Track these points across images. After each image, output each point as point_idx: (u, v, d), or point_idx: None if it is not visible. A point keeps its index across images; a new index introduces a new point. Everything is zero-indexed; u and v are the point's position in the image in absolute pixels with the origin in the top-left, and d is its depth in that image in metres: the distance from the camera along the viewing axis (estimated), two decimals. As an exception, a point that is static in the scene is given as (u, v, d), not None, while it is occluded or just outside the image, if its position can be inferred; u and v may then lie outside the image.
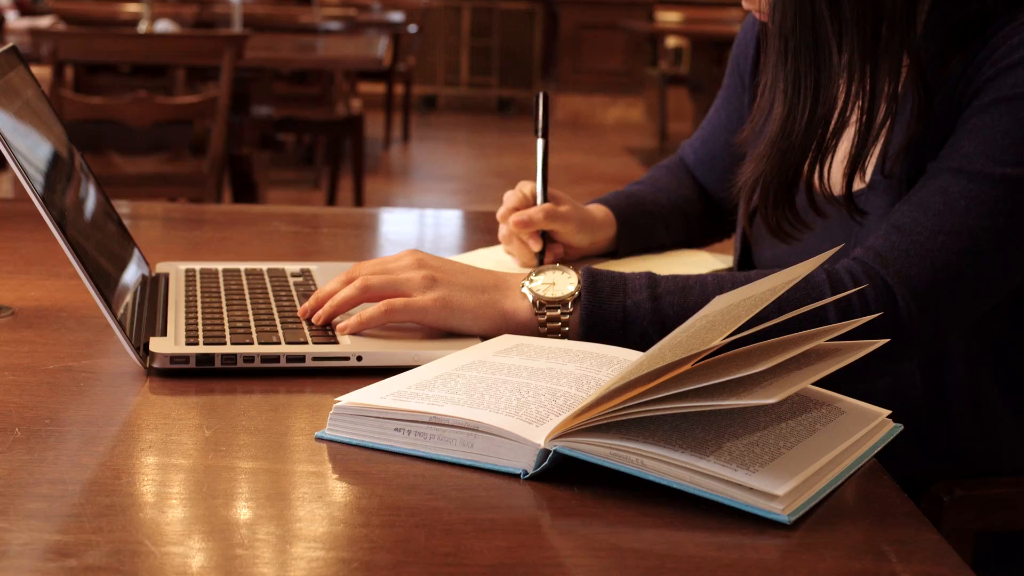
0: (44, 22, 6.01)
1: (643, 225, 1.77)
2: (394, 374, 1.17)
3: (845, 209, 1.46)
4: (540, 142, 1.66)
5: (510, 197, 1.68)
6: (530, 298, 1.36)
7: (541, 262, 1.64)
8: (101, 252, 1.37)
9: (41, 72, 4.27)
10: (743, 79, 1.79)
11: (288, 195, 7.38)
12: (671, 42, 11.29)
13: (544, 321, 1.35)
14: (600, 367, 1.19)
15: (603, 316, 1.34)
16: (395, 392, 1.11)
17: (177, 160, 4.84)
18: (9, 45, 1.42)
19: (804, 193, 1.47)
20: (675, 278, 1.37)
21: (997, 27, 1.39)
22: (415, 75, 10.69)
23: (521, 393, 1.11)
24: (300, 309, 1.40)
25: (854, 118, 1.42)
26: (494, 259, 1.70)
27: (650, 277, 1.37)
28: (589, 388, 1.13)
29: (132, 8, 6.60)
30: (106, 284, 1.30)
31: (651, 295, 1.35)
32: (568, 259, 1.69)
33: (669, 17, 9.93)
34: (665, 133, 10.10)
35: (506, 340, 1.30)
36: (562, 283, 1.37)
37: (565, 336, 1.35)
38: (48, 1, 7.72)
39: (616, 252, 1.75)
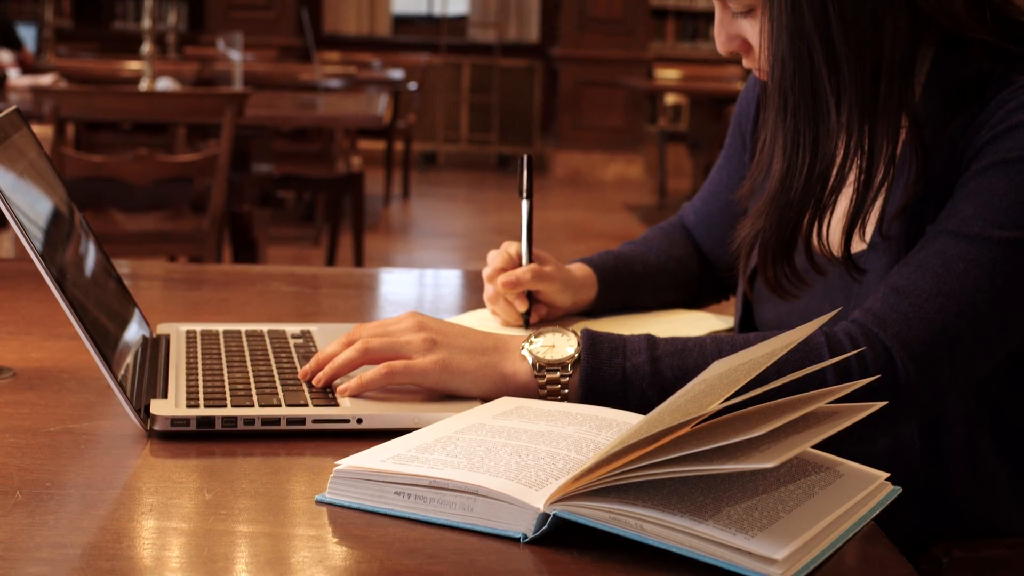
0: (46, 80, 6.04)
1: (627, 285, 1.78)
2: (395, 436, 1.18)
3: (845, 268, 1.47)
4: (524, 203, 1.68)
5: (495, 257, 1.69)
6: (530, 360, 1.36)
7: (527, 322, 1.66)
8: (102, 313, 1.38)
9: (43, 130, 4.29)
10: (744, 138, 1.80)
11: (288, 252, 7.40)
12: (670, 99, 11.34)
13: (544, 383, 1.35)
14: (599, 430, 1.20)
15: (603, 378, 1.35)
16: (395, 455, 1.12)
17: (177, 217, 4.85)
18: (12, 107, 1.43)
19: (803, 251, 1.48)
20: (674, 340, 1.38)
21: (995, 90, 1.40)
22: (415, 132, 10.73)
23: (520, 456, 1.11)
24: (300, 371, 1.40)
25: (852, 177, 1.43)
26: (478, 319, 1.72)
27: (649, 339, 1.37)
28: (588, 451, 1.13)
29: (133, 66, 6.63)
30: (107, 345, 1.30)
31: (650, 357, 1.35)
32: (551, 318, 1.70)
33: (668, 75, 9.98)
34: (664, 190, 10.13)
35: (505, 403, 1.30)
36: (561, 345, 1.37)
37: (565, 398, 1.35)
38: (50, 59, 7.77)
39: (593, 312, 1.76)
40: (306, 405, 1.31)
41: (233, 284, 2.01)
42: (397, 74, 8.67)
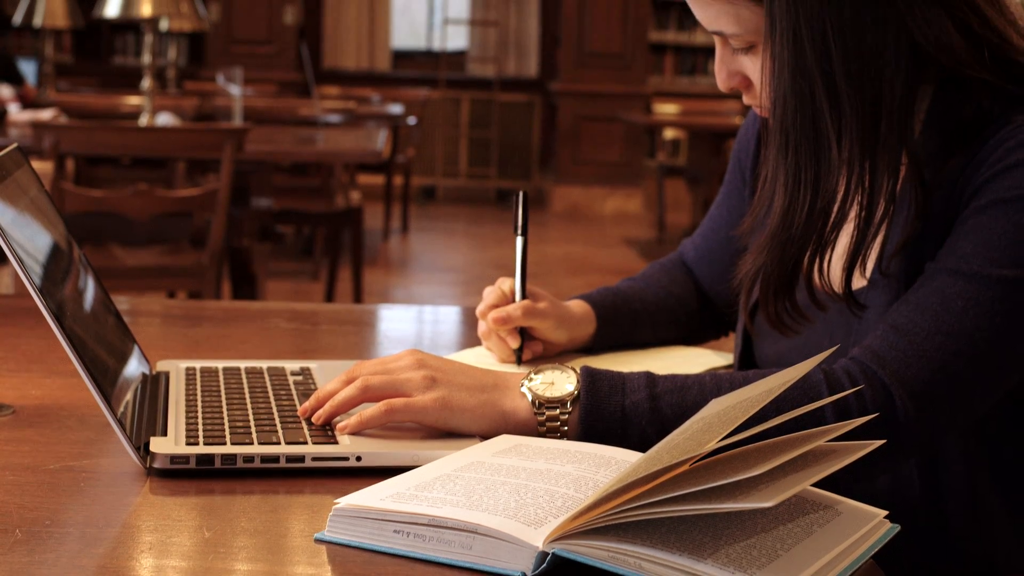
0: (46, 115, 6.05)
1: (625, 322, 1.78)
2: (394, 474, 1.18)
3: (846, 304, 1.48)
4: (519, 240, 1.69)
5: (489, 294, 1.70)
6: (529, 398, 1.36)
7: (519, 359, 1.66)
8: (101, 350, 1.38)
9: (43, 166, 4.30)
10: (744, 175, 1.80)
11: (287, 286, 7.41)
12: (669, 134, 11.37)
13: (543, 421, 1.35)
14: (598, 468, 1.20)
15: (602, 416, 1.35)
16: (394, 494, 1.12)
17: (177, 252, 4.86)
18: (13, 145, 1.44)
19: (804, 287, 1.49)
20: (673, 378, 1.38)
21: (994, 129, 1.41)
22: (414, 166, 10.76)
23: (519, 495, 1.11)
24: (300, 409, 1.41)
25: (853, 213, 1.44)
26: (475, 356, 1.72)
27: (648, 377, 1.38)
28: (587, 489, 1.13)
29: (134, 101, 6.65)
30: (106, 382, 1.30)
31: (650, 395, 1.35)
32: (547, 355, 1.70)
33: (667, 109, 10.01)
34: (663, 224, 10.15)
35: (505, 440, 1.31)
36: (561, 382, 1.38)
37: (564, 436, 1.35)
38: (50, 94, 7.79)
39: (591, 348, 1.76)
40: (305, 443, 1.31)
41: (233, 321, 2.01)
42: (396, 109, 8.70)
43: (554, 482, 1.15)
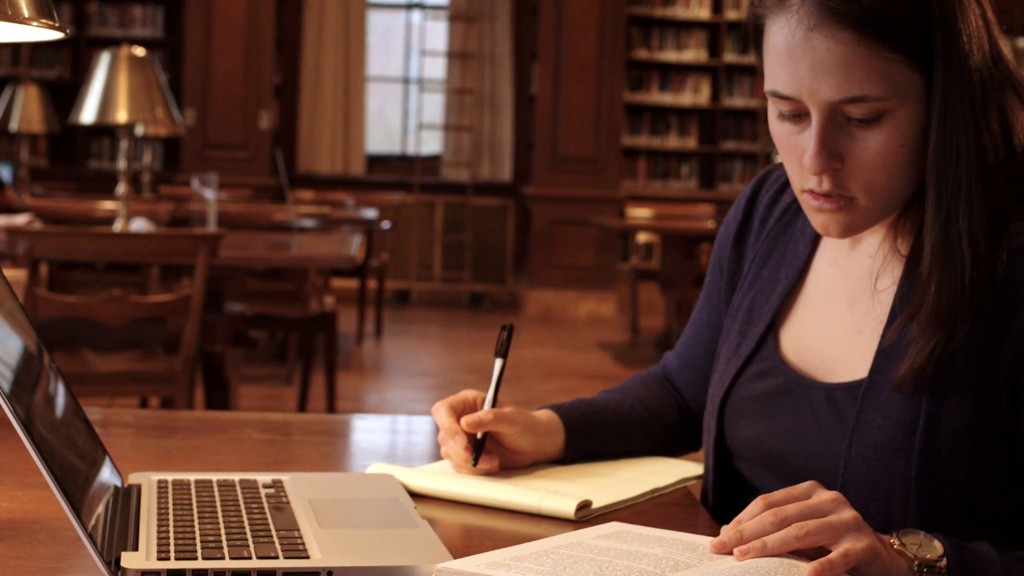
0: (20, 219, 6.06)
1: (596, 433, 1.78)
2: (365, 590, 1.19)
3: (858, 401, 1.48)
4: (499, 361, 1.71)
5: (453, 399, 1.70)
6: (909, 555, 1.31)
7: (475, 462, 1.66)
8: (72, 462, 1.38)
9: (16, 273, 4.30)
10: (723, 271, 1.81)
11: (261, 391, 7.39)
12: (642, 238, 11.44)
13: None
14: (684, 551, 1.27)
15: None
16: (491, 562, 1.24)
17: (150, 358, 4.85)
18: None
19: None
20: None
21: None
22: (388, 270, 10.78)
23: (600, 569, 1.20)
24: (717, 542, 1.28)
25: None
26: (443, 466, 1.73)
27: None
28: (666, 568, 1.21)
29: (108, 206, 6.67)
30: (77, 495, 1.30)
31: None
32: (516, 465, 1.70)
33: (639, 213, 10.08)
34: (637, 328, 10.17)
35: (612, 526, 1.39)
36: (927, 543, 1.32)
37: None
38: (25, 198, 7.80)
39: (562, 459, 1.76)
40: (277, 557, 1.31)
41: (205, 431, 2.01)
42: (370, 213, 8.74)
43: (636, 560, 1.24)
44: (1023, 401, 1.42)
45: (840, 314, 1.59)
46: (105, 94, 5.48)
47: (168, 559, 1.28)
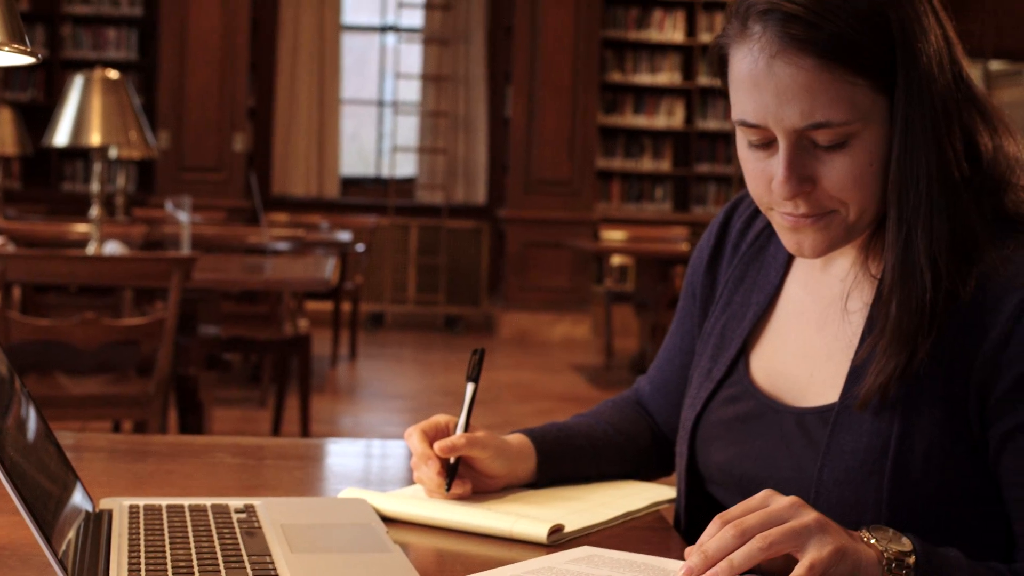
0: (-7, 243, 6.04)
1: (568, 457, 1.78)
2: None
3: (829, 425, 1.49)
4: (470, 385, 1.71)
5: (425, 424, 1.71)
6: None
7: (449, 486, 1.66)
8: (43, 487, 1.37)
9: (-11, 296, 4.28)
10: (696, 297, 1.81)
11: (235, 414, 7.36)
12: (616, 260, 11.46)
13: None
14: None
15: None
16: None
17: (123, 381, 4.84)
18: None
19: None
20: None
21: (997, 259, 1.44)
22: (363, 293, 10.78)
23: None
24: (684, 571, 1.27)
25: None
26: (415, 490, 1.73)
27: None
28: None
29: (82, 228, 6.65)
30: (48, 520, 1.29)
31: None
32: (488, 489, 1.70)
33: (614, 236, 10.10)
34: (611, 350, 10.18)
35: (584, 550, 1.41)
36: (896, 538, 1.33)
37: None
38: (-3, 221, 7.77)
39: (535, 483, 1.76)
40: (248, 583, 1.30)
41: (178, 455, 2.00)
42: (345, 236, 8.73)
43: None
44: (992, 422, 1.43)
45: (810, 337, 1.60)
46: (79, 117, 5.47)
47: (139, 585, 1.28)
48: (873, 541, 1.31)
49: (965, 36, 1.51)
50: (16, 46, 1.61)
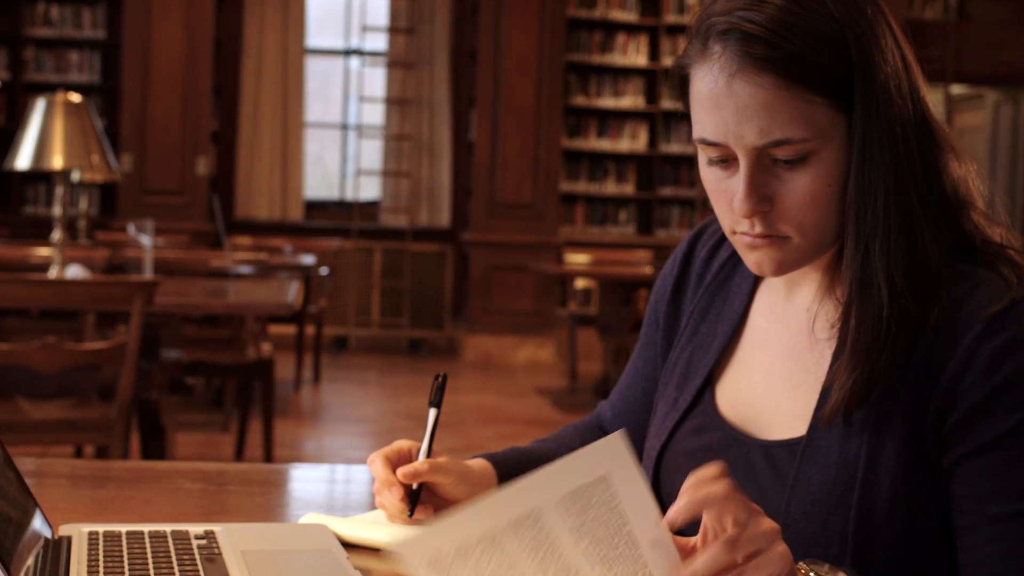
0: (-46, 266, 6.01)
1: None
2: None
3: (797, 458, 1.49)
4: (433, 411, 1.71)
5: (388, 449, 1.70)
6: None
7: (411, 513, 1.66)
8: (1, 514, 1.36)
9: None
10: (659, 325, 1.81)
11: (197, 439, 7.33)
12: (580, 283, 11.47)
13: None
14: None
15: None
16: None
17: (84, 405, 4.81)
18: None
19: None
20: None
21: (960, 291, 1.45)
22: (326, 316, 10.75)
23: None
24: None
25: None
26: (376, 515, 1.73)
27: None
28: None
29: (43, 252, 6.62)
30: (6, 547, 1.29)
31: None
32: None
33: (577, 259, 10.11)
34: (575, 373, 10.19)
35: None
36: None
37: None
38: (-42, 245, 7.73)
39: None
40: (209, 610, 1.30)
41: (139, 481, 1.99)
42: (308, 259, 8.71)
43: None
44: (945, 451, 1.43)
45: (776, 368, 1.60)
46: (41, 140, 5.45)
47: (98, 613, 1.27)
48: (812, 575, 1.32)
49: (926, 61, 1.52)
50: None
